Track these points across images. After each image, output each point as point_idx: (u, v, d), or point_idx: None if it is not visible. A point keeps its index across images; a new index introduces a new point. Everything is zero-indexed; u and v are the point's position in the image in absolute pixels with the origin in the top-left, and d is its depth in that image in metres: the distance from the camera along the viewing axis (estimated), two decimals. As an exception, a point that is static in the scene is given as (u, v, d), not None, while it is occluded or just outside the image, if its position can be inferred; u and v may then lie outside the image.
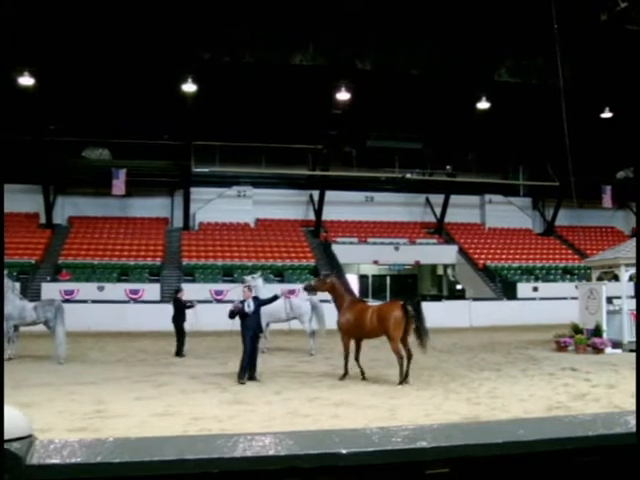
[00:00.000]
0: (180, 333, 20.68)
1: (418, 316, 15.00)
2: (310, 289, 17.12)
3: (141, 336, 25.71)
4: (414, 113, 37.46)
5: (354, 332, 15.60)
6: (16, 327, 19.41)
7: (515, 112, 37.51)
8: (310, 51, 33.71)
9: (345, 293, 16.29)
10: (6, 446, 1.58)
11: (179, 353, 20.44)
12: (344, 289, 16.54)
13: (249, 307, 15.13)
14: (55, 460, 1.62)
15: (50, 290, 32.22)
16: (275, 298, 16.35)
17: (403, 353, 14.92)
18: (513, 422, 1.89)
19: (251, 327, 15.23)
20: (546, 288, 37.53)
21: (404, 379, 14.65)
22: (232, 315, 15.23)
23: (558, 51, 21.60)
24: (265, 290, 20.82)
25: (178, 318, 20.70)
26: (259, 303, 15.57)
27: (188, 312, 20.97)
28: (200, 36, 31.54)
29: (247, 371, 14.98)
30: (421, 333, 14.94)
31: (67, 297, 32.14)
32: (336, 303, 16.00)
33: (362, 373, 15.44)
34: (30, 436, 1.66)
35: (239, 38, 32.21)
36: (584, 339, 21.27)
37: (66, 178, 40.22)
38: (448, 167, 44.47)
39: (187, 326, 20.85)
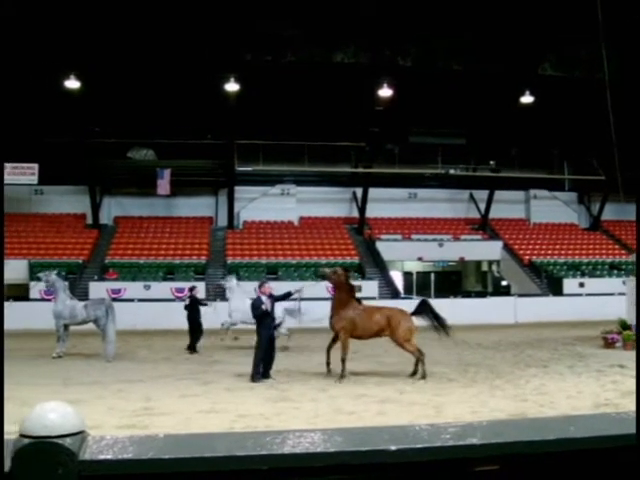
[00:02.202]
0: (196, 329, 21.04)
1: (435, 317, 16.02)
2: (322, 276, 17.05)
3: (187, 334, 25.89)
4: (457, 108, 37.19)
5: (357, 332, 15.82)
6: (66, 326, 19.72)
7: (559, 105, 37.02)
8: (351, 49, 33.69)
9: (350, 293, 16.23)
10: (60, 441, 1.61)
11: (191, 347, 20.80)
12: (350, 289, 16.46)
13: (266, 304, 15.17)
14: (107, 456, 1.64)
15: (97, 289, 32.66)
16: (289, 295, 16.45)
17: (422, 350, 15.59)
18: (563, 419, 1.87)
19: (270, 325, 15.37)
20: (593, 284, 36.97)
21: (415, 374, 15.31)
22: (259, 315, 15.24)
23: (603, 43, 21.25)
24: (239, 290, 21.30)
25: (194, 314, 21.08)
26: (274, 299, 15.68)
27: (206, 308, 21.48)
28: (242, 36, 31.68)
29: (262, 368, 15.00)
30: (442, 327, 15.90)
31: (114, 296, 32.49)
32: (337, 300, 15.92)
33: (328, 364, 15.62)
34: (83, 432, 1.69)
35: (280, 38, 32.31)
36: (632, 335, 20.92)
37: (112, 179, 40.72)
38: (492, 162, 43.99)
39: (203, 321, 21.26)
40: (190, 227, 41.59)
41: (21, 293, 31.43)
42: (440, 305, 34.11)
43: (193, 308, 21.23)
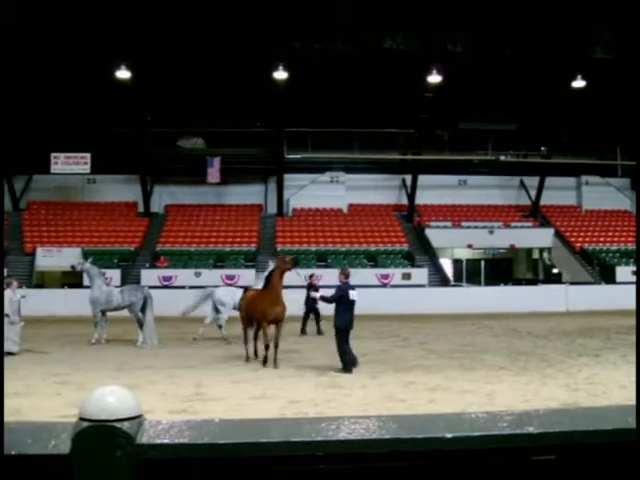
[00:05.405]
0: (315, 314, 22.30)
1: None
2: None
3: (238, 321, 26.12)
4: (507, 94, 36.69)
5: None
6: (103, 312, 20.02)
7: (612, 89, 36.26)
8: (400, 35, 33.43)
9: None
10: (118, 425, 1.64)
11: (320, 332, 21.83)
12: None
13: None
14: (164, 440, 1.67)
15: (149, 276, 33.07)
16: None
17: None
18: (621, 409, 1.84)
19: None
20: (647, 271, 36.22)
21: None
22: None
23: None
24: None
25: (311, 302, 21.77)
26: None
27: None
28: (290, 24, 31.67)
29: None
30: None
31: (165, 283, 32.98)
32: (280, 289, 15.39)
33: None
34: (140, 416, 1.71)
35: (329, 25, 32.20)
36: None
37: (163, 168, 41.08)
38: (543, 148, 43.35)
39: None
40: (240, 215, 41.83)
41: (75, 280, 31.99)
42: (491, 293, 34.10)
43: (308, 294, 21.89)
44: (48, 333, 21.88)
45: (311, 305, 21.98)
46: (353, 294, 14.39)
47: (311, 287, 21.64)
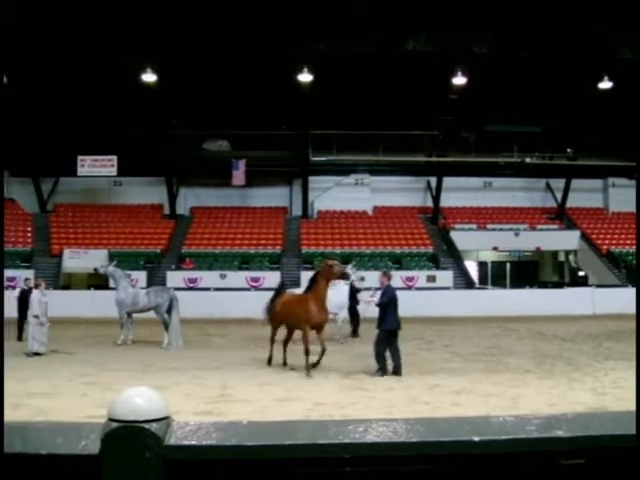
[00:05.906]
0: (353, 316, 22.04)
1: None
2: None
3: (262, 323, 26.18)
4: (532, 95, 36.46)
5: None
6: (129, 314, 20.15)
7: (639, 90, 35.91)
8: (423, 37, 33.35)
9: None
10: (146, 426, 1.65)
11: (355, 334, 21.76)
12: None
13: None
14: (191, 441, 1.67)
15: (174, 278, 33.22)
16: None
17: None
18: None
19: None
20: (675, 274, 35.89)
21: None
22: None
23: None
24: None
25: (352, 302, 21.72)
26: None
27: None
28: (314, 27, 31.70)
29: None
30: None
31: (191, 285, 33.10)
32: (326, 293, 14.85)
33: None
34: (168, 417, 1.72)
35: (352, 27, 32.18)
36: None
37: (188, 170, 41.25)
38: (569, 150, 42.99)
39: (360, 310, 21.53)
40: (265, 217, 41.90)
41: (102, 282, 32.21)
42: (516, 295, 33.87)
43: (351, 296, 21.78)
44: (74, 334, 22.05)
45: (355, 308, 21.86)
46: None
47: (354, 290, 21.75)
